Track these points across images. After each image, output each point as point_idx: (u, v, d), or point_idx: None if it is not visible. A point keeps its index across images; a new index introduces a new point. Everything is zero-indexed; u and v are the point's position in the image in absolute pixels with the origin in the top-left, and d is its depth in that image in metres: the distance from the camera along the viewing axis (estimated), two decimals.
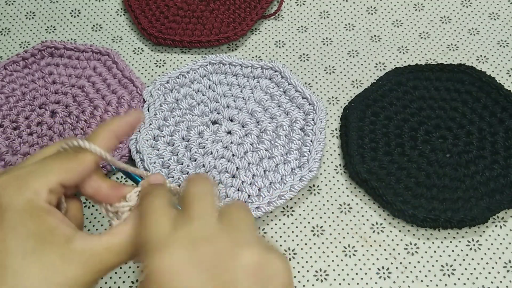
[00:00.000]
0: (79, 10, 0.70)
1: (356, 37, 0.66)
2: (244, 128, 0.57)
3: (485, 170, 0.54)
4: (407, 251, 0.51)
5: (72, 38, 0.67)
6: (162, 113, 0.59)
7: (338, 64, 0.63)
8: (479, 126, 0.57)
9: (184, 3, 0.68)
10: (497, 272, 0.50)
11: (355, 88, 0.62)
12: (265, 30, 0.67)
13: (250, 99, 0.59)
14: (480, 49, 0.64)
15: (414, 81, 0.60)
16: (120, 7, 0.70)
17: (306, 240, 0.52)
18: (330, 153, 0.57)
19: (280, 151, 0.55)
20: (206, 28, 0.66)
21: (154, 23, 0.66)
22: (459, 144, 0.56)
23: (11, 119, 0.59)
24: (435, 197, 0.53)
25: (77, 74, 0.62)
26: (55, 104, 0.60)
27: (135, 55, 0.65)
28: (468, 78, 0.60)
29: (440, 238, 0.51)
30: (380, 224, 0.52)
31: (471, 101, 0.59)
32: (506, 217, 0.53)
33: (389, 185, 0.53)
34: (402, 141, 0.56)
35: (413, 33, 0.66)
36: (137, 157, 0.55)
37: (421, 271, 0.50)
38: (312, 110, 0.58)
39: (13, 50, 0.67)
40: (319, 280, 0.50)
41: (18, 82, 0.62)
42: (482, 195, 0.52)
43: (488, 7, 0.67)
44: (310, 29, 0.67)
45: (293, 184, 0.53)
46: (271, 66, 0.61)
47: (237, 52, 0.65)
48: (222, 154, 0.55)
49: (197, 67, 0.62)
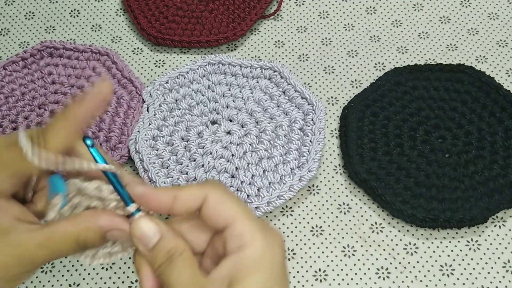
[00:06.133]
0: (79, 10, 0.70)
1: (356, 37, 0.66)
2: (244, 128, 0.57)
3: (484, 170, 0.54)
4: (406, 251, 0.51)
5: (71, 38, 0.67)
6: (161, 113, 0.59)
7: (338, 64, 0.63)
8: (478, 126, 0.57)
9: (183, 3, 0.68)
10: (496, 272, 0.50)
11: (355, 88, 0.62)
12: (264, 30, 0.67)
13: (250, 99, 0.59)
14: (479, 49, 0.64)
15: (413, 81, 0.60)
16: (119, 7, 0.70)
17: (306, 240, 0.52)
18: (330, 153, 0.57)
19: (279, 151, 0.55)
20: (205, 28, 0.66)
21: (154, 23, 0.66)
22: (458, 144, 0.56)
23: (11, 119, 0.59)
24: (434, 197, 0.53)
25: (76, 74, 0.62)
26: (55, 104, 0.60)
27: (135, 55, 0.65)
28: (468, 78, 0.60)
29: (439, 238, 0.51)
30: (380, 224, 0.52)
31: (470, 101, 0.59)
32: (505, 217, 0.53)
33: (388, 185, 0.53)
34: (402, 141, 0.56)
35: (412, 33, 0.66)
36: (136, 157, 0.55)
37: (420, 271, 0.50)
38: (311, 110, 0.58)
39: (12, 50, 0.67)
40: (318, 280, 0.50)
41: (17, 82, 0.62)
42: (481, 195, 0.52)
43: (488, 7, 0.67)
44: (310, 29, 0.67)
45: (292, 184, 0.53)
46: (270, 66, 0.61)
47: (236, 52, 0.65)
48: (221, 154, 0.55)
49: (196, 67, 0.62)
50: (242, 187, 0.54)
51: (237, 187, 0.54)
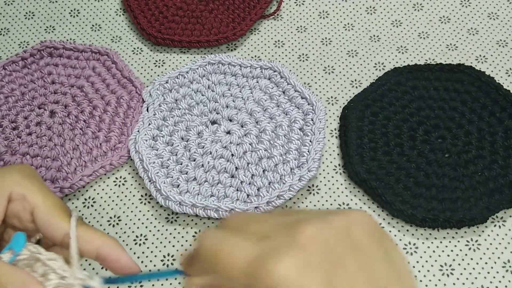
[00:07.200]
0: (78, 10, 0.70)
1: (355, 37, 0.66)
2: (243, 128, 0.57)
3: (484, 170, 0.54)
4: (406, 251, 0.51)
5: (71, 38, 0.67)
6: (161, 113, 0.59)
7: (337, 64, 0.63)
8: (478, 126, 0.57)
9: (183, 3, 0.68)
10: (496, 272, 0.50)
11: (354, 88, 0.62)
12: (264, 30, 0.67)
13: (249, 99, 0.59)
14: (479, 49, 0.64)
15: (413, 81, 0.60)
16: (119, 7, 0.70)
17: None
18: (329, 153, 0.57)
19: (279, 151, 0.55)
20: (205, 28, 0.66)
21: (153, 23, 0.66)
22: (458, 144, 0.56)
23: (10, 119, 0.59)
24: (434, 197, 0.53)
25: (76, 74, 0.62)
26: (54, 104, 0.60)
27: (134, 55, 0.65)
28: (467, 78, 0.60)
29: (439, 238, 0.51)
30: (379, 224, 0.52)
31: (470, 101, 0.59)
32: (505, 217, 0.53)
33: (388, 185, 0.53)
34: (401, 141, 0.56)
35: (412, 33, 0.66)
36: (136, 157, 0.55)
37: (420, 270, 0.50)
38: (311, 110, 0.58)
39: (12, 50, 0.67)
40: None
41: (17, 82, 0.62)
42: (481, 195, 0.52)
43: (487, 7, 0.67)
44: (309, 29, 0.67)
45: (292, 184, 0.53)
46: (270, 66, 0.61)
47: (236, 52, 0.65)
48: (221, 154, 0.55)
49: (196, 67, 0.62)
50: (242, 187, 0.54)
51: (237, 187, 0.54)
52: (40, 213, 0.35)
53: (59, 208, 0.36)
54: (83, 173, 0.55)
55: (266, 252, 0.27)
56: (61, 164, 0.56)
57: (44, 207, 0.35)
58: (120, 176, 0.56)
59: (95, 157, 0.56)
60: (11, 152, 0.57)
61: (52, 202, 0.36)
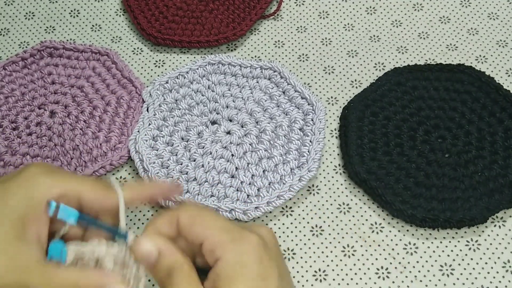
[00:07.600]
0: (78, 10, 0.70)
1: (355, 37, 0.66)
2: (243, 128, 0.57)
3: (484, 170, 0.54)
4: (406, 251, 0.51)
5: (71, 38, 0.67)
6: (161, 113, 0.59)
7: (337, 64, 0.63)
8: (478, 126, 0.57)
9: (183, 3, 0.68)
10: (496, 272, 0.50)
11: (354, 88, 0.62)
12: (264, 30, 0.67)
13: (249, 99, 0.59)
14: (479, 49, 0.64)
15: (413, 81, 0.60)
16: (119, 7, 0.70)
17: (305, 240, 0.52)
18: (329, 153, 0.57)
19: (279, 151, 0.55)
20: (205, 28, 0.66)
21: (154, 23, 0.66)
22: (458, 144, 0.56)
23: (10, 119, 0.59)
24: (434, 197, 0.53)
25: (76, 74, 0.62)
26: (54, 104, 0.60)
27: (134, 55, 0.65)
28: (467, 78, 0.60)
29: (439, 238, 0.51)
30: (379, 224, 0.52)
31: (470, 101, 0.59)
32: (505, 217, 0.53)
33: (388, 185, 0.53)
34: (401, 141, 0.56)
35: (412, 33, 0.66)
36: (136, 157, 0.55)
37: (420, 271, 0.50)
38: (311, 110, 0.58)
39: (12, 51, 0.67)
40: (318, 280, 0.50)
41: (17, 83, 0.62)
42: (481, 195, 0.52)
43: (487, 7, 0.67)
44: (309, 29, 0.67)
45: (292, 184, 0.53)
46: (270, 66, 0.61)
47: (236, 52, 0.65)
48: (221, 154, 0.55)
49: (196, 67, 0.62)
50: (242, 187, 0.54)
51: (237, 187, 0.54)
52: (86, 197, 0.37)
53: (96, 184, 0.38)
54: (83, 173, 0.55)
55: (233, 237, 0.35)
56: (61, 164, 0.56)
57: (86, 192, 0.37)
58: (120, 176, 0.56)
59: (95, 157, 0.56)
60: (11, 152, 0.57)
61: (88, 183, 0.38)
